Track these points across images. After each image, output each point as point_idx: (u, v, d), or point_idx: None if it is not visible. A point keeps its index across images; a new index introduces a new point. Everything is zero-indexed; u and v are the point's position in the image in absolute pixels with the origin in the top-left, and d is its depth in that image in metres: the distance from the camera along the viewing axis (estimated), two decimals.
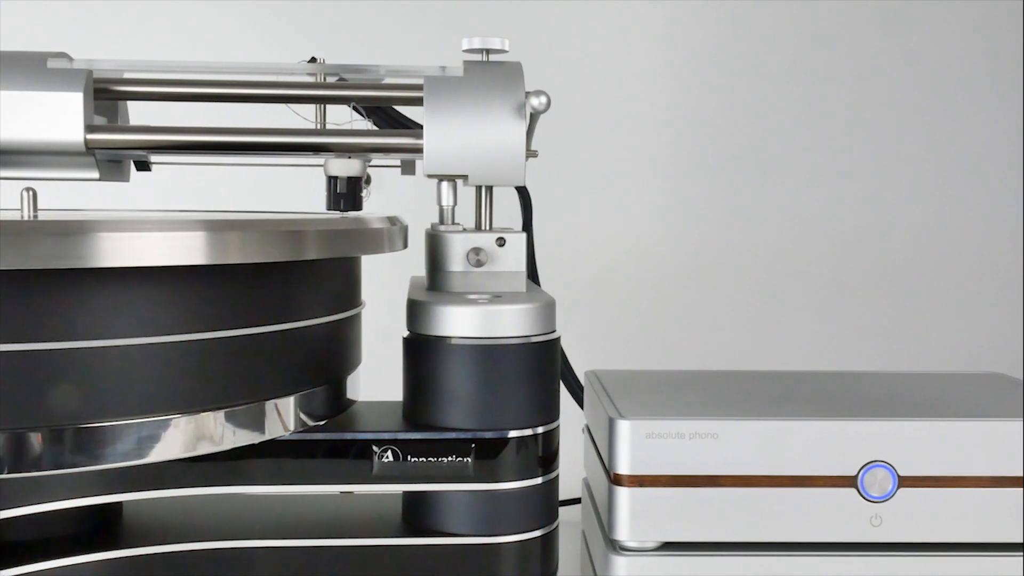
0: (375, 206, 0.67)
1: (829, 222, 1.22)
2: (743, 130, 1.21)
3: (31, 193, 0.53)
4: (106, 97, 0.65)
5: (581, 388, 0.78)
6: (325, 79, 0.68)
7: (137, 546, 0.57)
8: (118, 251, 0.46)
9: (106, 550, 0.57)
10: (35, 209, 0.53)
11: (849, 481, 0.57)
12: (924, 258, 1.22)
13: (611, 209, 1.21)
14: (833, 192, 1.22)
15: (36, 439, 0.47)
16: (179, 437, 0.50)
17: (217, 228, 0.48)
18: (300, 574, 0.58)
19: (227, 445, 0.52)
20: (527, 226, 0.75)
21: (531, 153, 0.64)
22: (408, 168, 0.71)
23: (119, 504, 0.61)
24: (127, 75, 0.66)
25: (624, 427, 0.58)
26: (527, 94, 0.62)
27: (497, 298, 0.59)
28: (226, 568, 0.57)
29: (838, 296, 1.21)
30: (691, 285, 1.21)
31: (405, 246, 0.61)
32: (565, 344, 0.68)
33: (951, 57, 1.21)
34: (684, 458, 0.57)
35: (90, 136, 0.61)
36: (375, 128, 0.69)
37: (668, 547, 0.58)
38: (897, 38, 1.21)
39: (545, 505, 0.59)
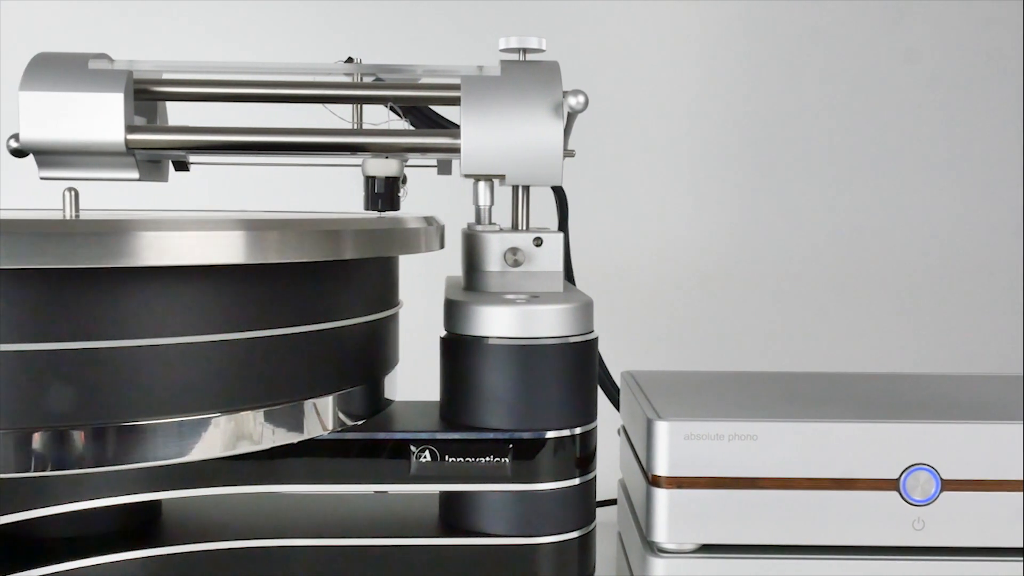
0: (409, 206, 0.67)
1: (863, 223, 1.21)
2: (778, 131, 1.20)
3: (73, 193, 0.54)
4: (146, 98, 0.65)
5: (616, 389, 0.77)
6: (362, 79, 0.68)
7: (176, 544, 0.58)
8: (159, 250, 0.46)
9: (145, 548, 0.57)
10: (77, 209, 0.54)
11: (891, 484, 0.57)
12: (959, 258, 1.21)
13: (643, 209, 1.20)
14: (868, 194, 1.21)
15: (79, 437, 0.47)
16: (219, 436, 0.51)
17: (256, 228, 0.49)
18: (337, 573, 0.58)
19: (266, 444, 0.52)
20: (563, 226, 0.75)
21: (568, 153, 0.63)
22: (444, 168, 0.71)
23: (158, 502, 0.61)
24: (165, 76, 0.66)
25: (663, 428, 0.57)
26: (565, 93, 0.61)
27: (535, 298, 0.59)
28: (264, 567, 0.58)
29: (870, 297, 1.20)
30: (724, 286, 1.20)
31: (442, 246, 0.61)
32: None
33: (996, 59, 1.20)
34: (723, 460, 0.57)
35: (130, 136, 0.61)
36: (412, 128, 0.69)
37: (707, 549, 0.58)
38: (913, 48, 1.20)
39: (582, 506, 0.59)
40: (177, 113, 0.72)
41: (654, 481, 0.58)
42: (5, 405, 0.46)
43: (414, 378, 0.68)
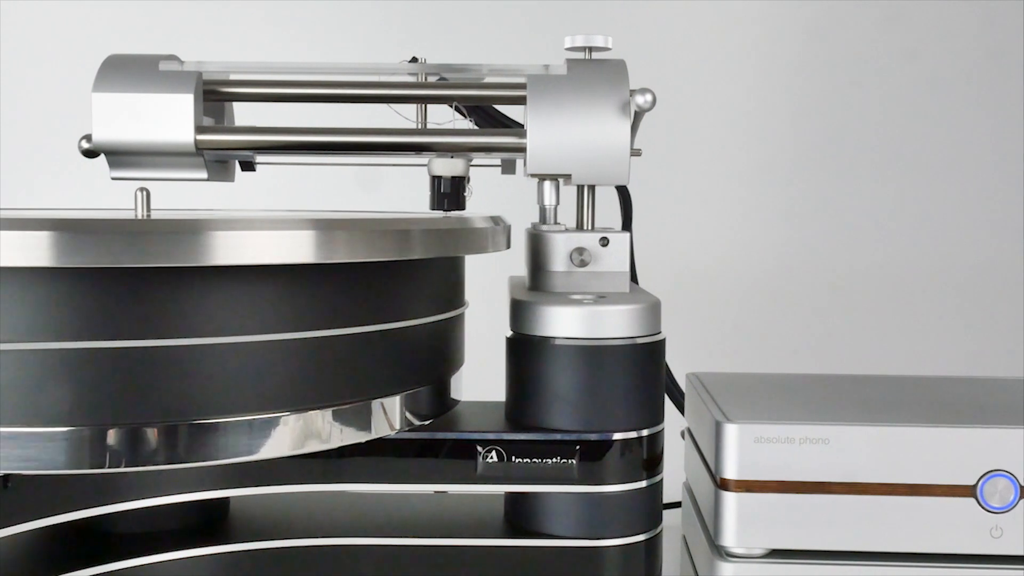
0: (468, 206, 0.67)
1: (928, 227, 1.18)
2: (847, 131, 1.18)
3: (145, 193, 0.54)
4: (214, 98, 0.66)
5: (679, 391, 0.77)
6: (426, 79, 0.68)
7: (243, 541, 0.58)
8: (230, 249, 0.46)
9: (213, 545, 0.58)
10: (148, 209, 0.54)
11: (968, 491, 0.55)
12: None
13: (701, 209, 1.19)
14: (933, 200, 1.18)
15: (152, 434, 0.48)
16: (288, 434, 0.51)
17: (325, 227, 0.49)
18: (402, 573, 0.58)
19: (334, 443, 0.52)
20: (627, 225, 0.74)
21: (635, 152, 0.63)
22: (508, 167, 0.71)
23: (226, 499, 0.62)
24: (232, 76, 0.66)
25: (732, 431, 0.56)
26: (632, 92, 0.61)
27: (602, 298, 0.58)
28: (329, 566, 0.58)
29: (936, 300, 1.18)
30: (785, 288, 1.18)
31: (508, 246, 0.60)
32: None
33: None
34: (793, 463, 0.56)
35: (200, 137, 0.62)
36: (477, 128, 0.69)
37: (776, 554, 0.57)
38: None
39: (649, 509, 0.58)
40: (242, 113, 0.72)
41: (722, 484, 0.57)
42: (81, 402, 0.47)
43: (476, 378, 0.68)
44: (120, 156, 0.63)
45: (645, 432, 0.58)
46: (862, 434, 0.56)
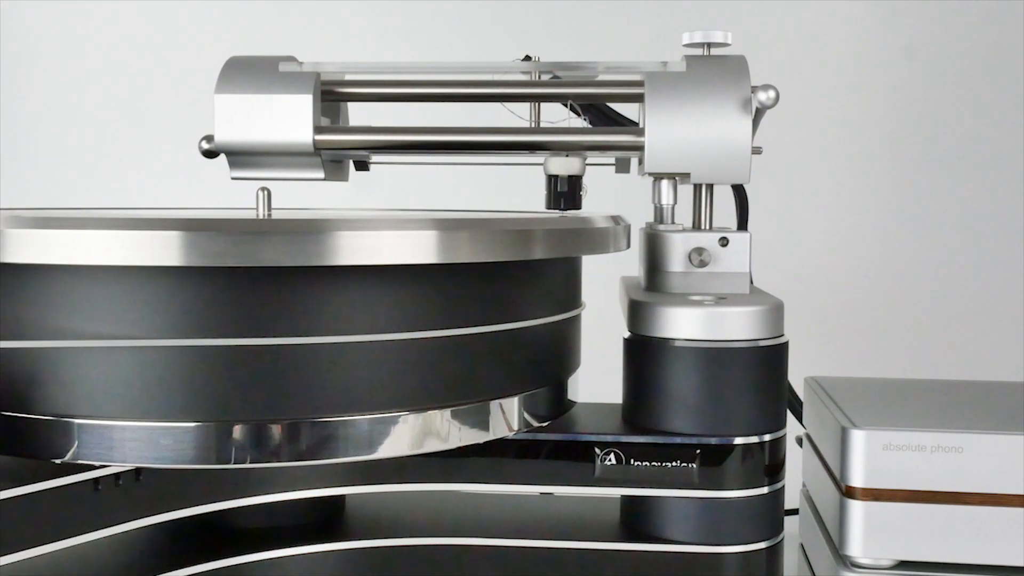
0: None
1: None
2: (972, 130, 1.14)
3: (266, 193, 0.55)
4: (331, 99, 0.66)
5: (795, 396, 0.75)
6: (539, 77, 0.67)
7: (358, 539, 0.58)
8: (353, 249, 0.47)
9: (328, 542, 0.58)
10: (269, 208, 0.55)
11: None
12: None
13: (813, 210, 1.16)
14: None
15: (276, 431, 0.48)
16: (408, 433, 0.51)
17: (448, 227, 0.48)
18: (517, 574, 0.57)
19: (453, 443, 0.52)
20: (742, 225, 0.72)
21: (755, 149, 0.61)
22: (623, 166, 0.70)
23: (342, 497, 0.62)
24: (348, 77, 0.67)
25: (859, 437, 0.55)
26: (754, 88, 0.59)
27: (722, 300, 0.57)
28: (444, 565, 0.58)
29: None
30: (897, 290, 1.15)
31: (628, 246, 0.60)
32: None
33: None
34: (925, 472, 0.54)
35: (318, 137, 0.62)
36: (591, 126, 0.68)
37: (905, 566, 0.55)
38: None
39: (770, 516, 0.57)
40: (355, 113, 0.73)
41: (848, 492, 0.55)
42: (208, 398, 0.47)
43: (589, 379, 0.67)
44: (240, 156, 0.64)
45: (767, 437, 0.56)
46: (999, 443, 0.53)
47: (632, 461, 0.56)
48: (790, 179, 1.15)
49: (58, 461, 0.48)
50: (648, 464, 0.55)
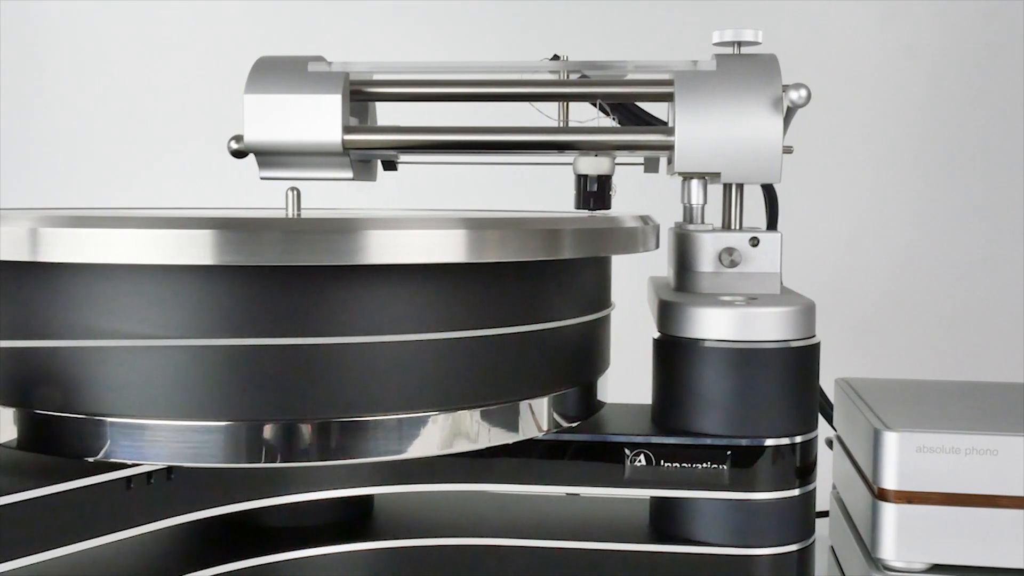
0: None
1: None
2: (1009, 129, 1.13)
3: (295, 192, 0.55)
4: (360, 98, 0.66)
5: (824, 397, 0.74)
6: (568, 76, 0.67)
7: (386, 539, 0.58)
8: (383, 248, 0.46)
9: (357, 542, 0.58)
10: (299, 208, 0.55)
11: None
12: None
13: (841, 211, 1.15)
14: None
15: (306, 430, 0.48)
16: (437, 434, 0.51)
17: (477, 227, 0.48)
18: (545, 575, 0.57)
19: (482, 444, 0.52)
20: (772, 225, 0.72)
21: (786, 149, 0.61)
22: (651, 166, 0.69)
23: (371, 497, 0.62)
24: (376, 76, 0.67)
25: (892, 439, 0.54)
26: (785, 87, 0.59)
27: (753, 300, 0.57)
28: (472, 566, 0.58)
29: None
30: (924, 291, 1.14)
31: (657, 246, 0.59)
32: None
33: None
34: (959, 475, 0.53)
35: (347, 137, 0.62)
36: (620, 125, 0.68)
37: (938, 570, 0.54)
38: None
39: (801, 518, 0.57)
40: (383, 113, 0.73)
41: (881, 495, 0.55)
42: (239, 397, 0.47)
43: (618, 380, 0.67)
44: (269, 156, 0.64)
45: (798, 439, 0.56)
46: None
47: (662, 462, 0.55)
48: (820, 178, 1.14)
49: (91, 459, 0.48)
50: (678, 465, 0.55)
